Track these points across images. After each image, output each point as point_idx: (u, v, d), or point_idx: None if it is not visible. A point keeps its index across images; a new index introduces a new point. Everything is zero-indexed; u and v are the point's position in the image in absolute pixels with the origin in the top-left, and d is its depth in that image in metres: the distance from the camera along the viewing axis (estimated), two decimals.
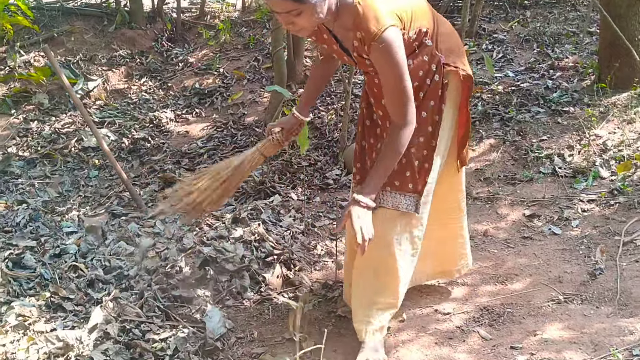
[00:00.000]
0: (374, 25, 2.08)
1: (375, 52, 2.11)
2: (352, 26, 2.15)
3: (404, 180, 2.37)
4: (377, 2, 2.12)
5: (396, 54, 2.10)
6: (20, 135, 4.98)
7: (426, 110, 2.33)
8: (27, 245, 3.33)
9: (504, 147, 4.23)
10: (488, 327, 2.77)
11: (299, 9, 2.00)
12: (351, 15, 2.12)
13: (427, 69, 2.29)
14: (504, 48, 5.83)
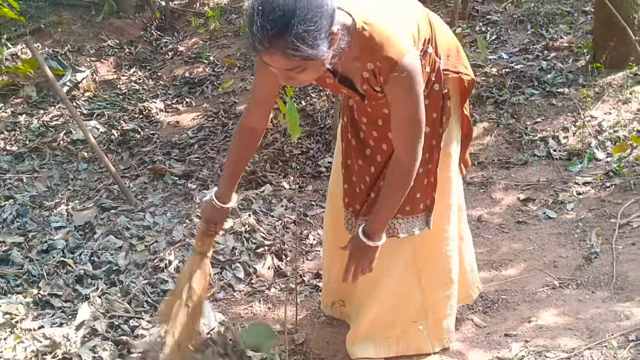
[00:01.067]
0: (393, 53, 1.75)
1: (395, 84, 1.79)
2: (359, 55, 1.80)
3: (416, 203, 2.17)
4: (387, 24, 1.78)
5: (417, 84, 1.81)
6: (8, 129, 4.90)
7: (429, 125, 2.05)
8: (14, 242, 3.28)
9: (497, 130, 4.17)
10: (482, 314, 2.73)
11: (305, 65, 1.63)
12: (356, 42, 1.76)
13: (426, 79, 1.99)
14: (498, 29, 5.74)
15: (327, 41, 1.62)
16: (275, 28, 1.52)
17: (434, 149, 2.13)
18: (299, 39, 1.53)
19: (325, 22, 1.59)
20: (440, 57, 2.04)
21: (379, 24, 1.78)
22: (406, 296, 2.36)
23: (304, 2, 1.53)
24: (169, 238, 3.34)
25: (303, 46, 1.55)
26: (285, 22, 1.51)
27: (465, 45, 5.52)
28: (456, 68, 2.10)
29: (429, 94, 2.03)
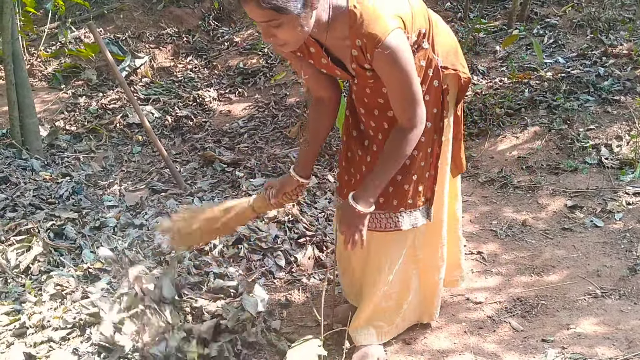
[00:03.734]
0: (377, 30, 1.84)
1: (380, 59, 1.88)
2: (348, 34, 1.90)
3: (418, 195, 2.24)
4: (377, 4, 1.88)
5: (403, 59, 1.88)
6: (68, 110, 5.10)
7: (430, 120, 2.13)
8: (69, 217, 3.41)
9: (549, 135, 4.11)
10: (520, 318, 2.72)
11: (279, 19, 1.73)
12: (346, 21, 1.87)
13: (424, 74, 2.08)
14: (556, 33, 5.65)
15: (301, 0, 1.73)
16: None
17: (435, 143, 2.21)
18: None
19: None
20: (439, 54, 2.11)
21: (369, 3, 1.86)
22: (406, 283, 2.45)
23: None
24: None
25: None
26: None
27: (520, 48, 5.46)
28: (454, 66, 2.17)
29: (429, 90, 2.10)
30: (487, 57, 5.47)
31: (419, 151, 2.18)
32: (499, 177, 3.85)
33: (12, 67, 3.98)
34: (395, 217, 2.23)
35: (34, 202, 3.49)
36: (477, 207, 3.61)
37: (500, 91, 4.77)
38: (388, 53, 1.86)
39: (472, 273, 3.06)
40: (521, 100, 4.54)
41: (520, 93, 4.66)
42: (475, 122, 4.43)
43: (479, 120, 4.43)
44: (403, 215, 2.23)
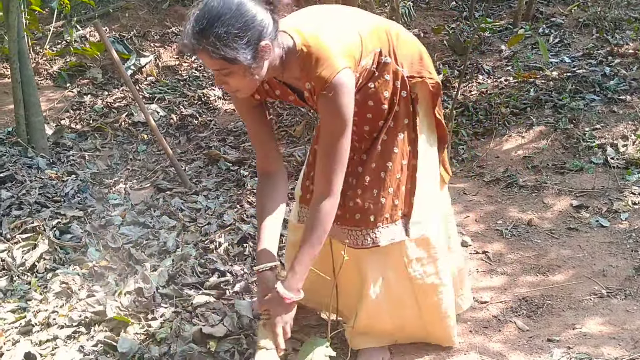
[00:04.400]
0: (325, 72, 1.85)
1: (322, 101, 1.90)
2: (300, 75, 1.93)
3: (395, 209, 2.17)
4: (327, 41, 1.89)
5: (343, 105, 1.88)
6: (73, 108, 5.11)
7: (402, 131, 2.14)
8: (75, 215, 3.42)
9: (554, 134, 4.10)
10: (526, 317, 2.72)
11: (229, 68, 1.79)
12: (298, 63, 1.90)
13: (392, 87, 2.09)
14: (562, 32, 5.64)
15: (250, 50, 1.78)
16: (201, 27, 1.74)
17: (410, 154, 2.18)
18: (218, 39, 1.73)
19: (250, 33, 1.76)
20: (403, 65, 2.10)
21: (316, 46, 1.88)
22: (397, 301, 2.32)
23: (231, 11, 1.74)
24: (220, 221, 3.43)
25: (222, 46, 1.73)
26: (209, 23, 1.73)
27: (526, 47, 5.45)
28: (420, 73, 2.15)
29: (399, 101, 2.11)
30: (492, 57, 5.47)
31: (393, 163, 2.15)
32: (505, 177, 3.84)
33: (18, 66, 3.99)
34: (373, 233, 2.16)
35: (40, 200, 3.50)
36: (482, 207, 3.61)
37: (506, 90, 4.77)
38: (331, 95, 1.87)
39: (477, 272, 3.06)
40: (527, 99, 4.53)
41: (526, 92, 4.65)
42: (480, 121, 4.42)
43: (484, 120, 4.42)
44: (380, 231, 2.16)
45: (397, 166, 2.16)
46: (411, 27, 6.06)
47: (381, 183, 2.15)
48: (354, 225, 2.17)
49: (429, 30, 5.92)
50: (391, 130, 2.14)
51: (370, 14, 2.21)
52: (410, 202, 2.19)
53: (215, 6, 1.74)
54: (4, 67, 5.73)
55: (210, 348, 2.46)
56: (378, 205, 2.15)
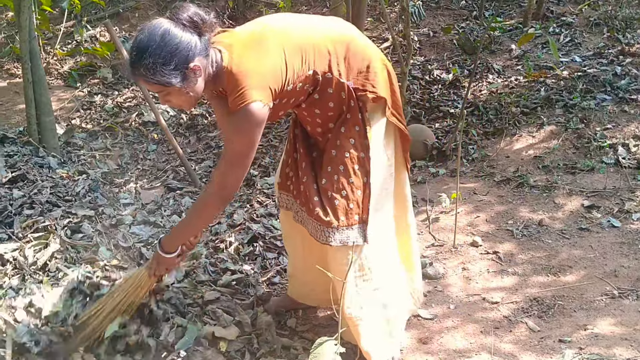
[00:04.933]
0: (238, 99, 1.98)
1: (231, 120, 2.04)
2: (224, 89, 2.09)
3: (350, 213, 2.22)
4: (248, 71, 2.00)
5: (248, 130, 2.01)
6: (84, 108, 5.13)
7: (354, 137, 2.21)
8: (85, 215, 3.43)
9: (565, 134, 4.08)
10: (537, 318, 2.71)
11: (166, 90, 1.97)
12: (224, 78, 2.05)
13: (337, 99, 2.20)
14: (572, 32, 5.61)
15: (179, 74, 1.94)
16: (132, 59, 1.94)
17: (365, 160, 2.22)
18: (147, 68, 1.90)
19: (177, 59, 1.92)
20: (349, 77, 2.19)
21: (237, 73, 2.00)
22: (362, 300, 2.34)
23: (156, 42, 1.89)
24: (230, 221, 3.44)
25: (153, 74, 1.91)
26: (139, 55, 1.91)
27: (536, 46, 5.43)
28: (364, 86, 2.22)
29: (348, 109, 2.21)
30: (502, 56, 5.45)
31: (345, 167, 2.20)
32: (515, 177, 3.82)
33: (29, 66, 4.01)
34: (327, 232, 2.21)
35: (51, 199, 3.51)
36: (492, 207, 3.59)
37: (516, 90, 4.75)
38: (235, 120, 2.01)
39: (488, 273, 3.05)
40: (537, 99, 4.51)
41: (536, 92, 4.63)
42: (490, 120, 4.41)
43: (494, 119, 4.41)
44: (334, 232, 2.20)
45: (349, 170, 2.21)
46: (421, 27, 6.05)
47: (335, 185, 2.21)
48: (314, 218, 2.24)
49: (439, 29, 5.91)
50: (343, 136, 2.22)
51: (321, 24, 2.23)
52: (367, 207, 2.23)
53: (143, 39, 1.91)
54: (15, 67, 5.78)
55: (220, 348, 2.47)
56: (332, 205, 2.21)
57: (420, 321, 2.75)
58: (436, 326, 2.71)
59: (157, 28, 1.91)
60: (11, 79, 5.60)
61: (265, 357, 2.51)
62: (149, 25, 1.94)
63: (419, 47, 5.73)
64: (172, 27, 1.92)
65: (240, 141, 2.04)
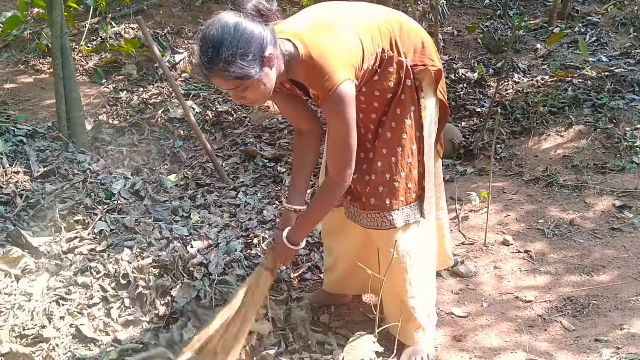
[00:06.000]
0: (328, 83, 1.98)
1: (327, 109, 2.04)
2: (304, 80, 2.07)
3: (409, 192, 2.29)
4: (329, 54, 2.00)
5: (346, 112, 2.02)
6: (110, 104, 5.16)
7: (410, 118, 2.24)
8: (118, 209, 3.45)
9: (594, 134, 4.05)
10: (571, 317, 2.70)
11: (244, 84, 1.92)
12: (301, 69, 2.03)
13: (396, 78, 2.20)
14: (598, 31, 5.59)
15: (257, 63, 1.90)
16: (209, 55, 1.86)
17: (419, 140, 2.28)
18: (227, 62, 1.85)
19: (253, 47, 1.88)
20: (406, 55, 2.21)
21: (318, 57, 1.99)
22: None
23: (231, 34, 1.85)
24: (260, 217, 3.45)
25: (233, 67, 1.86)
26: (216, 50, 1.85)
27: (562, 46, 5.40)
28: (422, 61, 2.25)
29: (403, 90, 2.21)
30: (527, 55, 5.43)
31: (403, 149, 2.24)
32: (544, 176, 3.81)
33: (60, 61, 4.05)
34: (390, 216, 2.27)
35: (83, 194, 3.55)
36: (522, 206, 3.58)
37: (542, 89, 4.73)
38: (333, 105, 2.01)
39: (520, 272, 3.04)
40: (564, 98, 4.49)
41: (563, 91, 4.61)
42: (517, 120, 4.39)
43: (521, 118, 4.39)
44: (397, 213, 2.27)
45: (407, 151, 2.26)
46: (445, 25, 6.04)
47: (393, 168, 2.26)
48: (371, 209, 2.30)
49: (463, 28, 5.89)
50: (399, 117, 2.24)
51: (373, 8, 2.27)
52: (422, 184, 2.31)
53: (215, 34, 1.86)
54: (40, 62, 5.82)
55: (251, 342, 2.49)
56: (392, 189, 2.26)
57: (453, 318, 2.75)
58: (470, 324, 2.71)
59: (226, 21, 1.87)
60: (37, 75, 5.64)
61: (299, 352, 2.52)
62: (216, 20, 1.89)
63: (443, 46, 5.71)
64: (241, 18, 1.89)
65: (341, 125, 2.05)
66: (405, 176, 2.26)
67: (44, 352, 2.40)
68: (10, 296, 2.67)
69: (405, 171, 2.26)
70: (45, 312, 2.59)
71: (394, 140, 2.24)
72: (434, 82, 2.31)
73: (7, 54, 5.93)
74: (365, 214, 2.31)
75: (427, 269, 2.46)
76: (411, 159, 2.26)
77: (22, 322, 2.52)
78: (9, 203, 3.42)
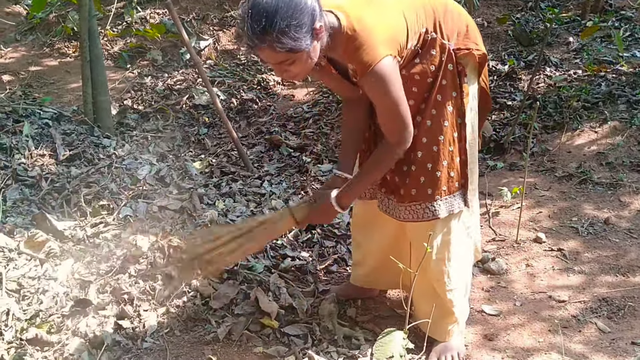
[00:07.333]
0: (367, 58, 1.91)
1: (367, 84, 1.97)
2: (343, 55, 1.99)
3: (451, 181, 2.22)
4: (372, 28, 1.92)
5: (389, 86, 1.95)
6: (135, 89, 5.13)
7: (451, 104, 2.16)
8: (142, 194, 3.42)
9: (630, 131, 3.94)
10: (606, 319, 2.62)
11: (292, 58, 1.84)
12: (341, 43, 1.94)
13: (437, 62, 2.11)
14: (632, 26, 5.44)
15: (309, 35, 1.82)
16: (261, 26, 1.76)
17: (461, 126, 2.20)
18: (282, 33, 1.76)
19: (306, 19, 1.79)
20: (449, 38, 2.13)
21: (361, 30, 1.91)
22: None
23: (285, 3, 1.76)
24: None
25: (286, 39, 1.77)
26: (269, 19, 1.75)
27: (595, 40, 5.27)
28: (466, 45, 2.16)
29: (445, 74, 2.13)
30: (559, 49, 5.31)
31: (444, 136, 2.17)
32: (578, 173, 3.70)
33: (87, 44, 4.01)
34: (432, 206, 2.20)
35: (108, 178, 3.51)
36: (555, 203, 3.49)
37: (575, 84, 4.61)
38: (373, 81, 1.93)
39: (553, 270, 2.96)
40: (598, 93, 4.37)
41: (597, 86, 4.49)
42: (550, 114, 4.28)
43: (554, 113, 4.28)
44: (440, 204, 2.20)
45: (448, 139, 2.18)
46: (475, 16, 5.91)
47: (435, 157, 2.18)
48: (411, 200, 2.22)
49: (493, 20, 5.77)
50: (439, 104, 2.15)
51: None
52: (465, 173, 2.24)
53: (269, 2, 1.76)
54: (66, 46, 5.80)
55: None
56: (434, 178, 2.19)
57: (484, 317, 2.68)
58: (501, 323, 2.64)
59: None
60: (62, 58, 5.62)
61: (326, 346, 2.47)
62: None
63: None
64: None
65: (384, 99, 1.99)
66: (448, 165, 2.19)
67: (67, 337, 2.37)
68: (34, 280, 2.65)
69: (447, 160, 2.18)
70: (69, 297, 2.57)
71: (435, 128, 2.16)
72: (477, 68, 2.23)
73: (32, 37, 5.92)
74: (403, 207, 2.24)
75: (466, 261, 2.39)
76: (453, 146, 2.19)
77: (46, 307, 2.49)
78: (34, 186, 3.40)
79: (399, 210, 2.26)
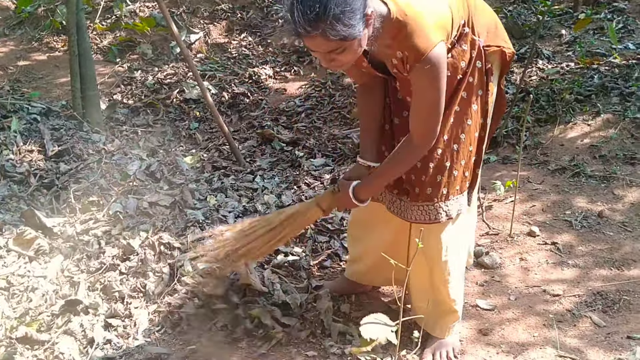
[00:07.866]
0: (421, 44, 1.84)
1: (418, 73, 1.89)
2: (391, 43, 1.90)
3: (464, 181, 2.19)
4: (421, 15, 1.85)
5: (440, 76, 1.89)
6: (124, 84, 5.08)
7: (476, 102, 2.11)
8: (132, 190, 3.37)
9: (623, 123, 3.92)
10: (601, 313, 2.61)
11: (343, 46, 1.75)
12: (390, 31, 1.86)
13: (468, 58, 2.05)
14: (625, 18, 5.43)
15: (362, 22, 1.73)
16: (314, 12, 1.66)
17: (482, 127, 2.16)
18: (336, 19, 1.67)
19: (359, 4, 1.71)
20: (480, 35, 2.07)
21: (413, 16, 1.84)
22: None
23: None
24: (279, 202, 3.37)
25: (340, 26, 1.68)
26: (322, 5, 1.65)
27: (588, 32, 5.26)
28: (496, 42, 2.13)
29: (472, 72, 2.07)
30: (551, 41, 5.29)
31: (466, 135, 2.12)
32: (571, 166, 3.69)
33: (75, 38, 3.95)
34: (445, 206, 2.17)
35: (97, 174, 3.47)
36: (548, 196, 3.47)
37: (568, 77, 4.59)
38: (428, 68, 1.86)
39: (547, 264, 2.94)
40: (591, 86, 4.35)
41: (590, 79, 4.47)
42: (542, 107, 4.26)
43: (546, 106, 4.26)
44: (451, 203, 2.17)
45: (470, 138, 2.14)
46: None
47: (454, 156, 2.14)
48: (425, 200, 2.17)
49: None
50: (464, 102, 2.10)
51: None
52: (476, 172, 2.22)
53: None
54: (54, 40, 5.73)
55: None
56: (451, 178, 2.15)
57: (478, 311, 2.67)
58: (496, 317, 2.62)
59: None
60: (51, 53, 5.55)
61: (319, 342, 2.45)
62: None
63: None
64: None
65: (432, 90, 1.91)
66: (465, 164, 2.15)
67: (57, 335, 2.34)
68: (23, 278, 2.61)
69: (465, 159, 2.15)
70: (59, 295, 2.53)
71: (457, 126, 2.11)
72: (502, 67, 2.18)
73: (20, 31, 5.85)
74: (416, 206, 2.18)
75: (463, 259, 2.37)
76: (472, 146, 2.15)
77: (36, 305, 2.45)
78: (22, 182, 3.36)
79: (411, 211, 2.21)
